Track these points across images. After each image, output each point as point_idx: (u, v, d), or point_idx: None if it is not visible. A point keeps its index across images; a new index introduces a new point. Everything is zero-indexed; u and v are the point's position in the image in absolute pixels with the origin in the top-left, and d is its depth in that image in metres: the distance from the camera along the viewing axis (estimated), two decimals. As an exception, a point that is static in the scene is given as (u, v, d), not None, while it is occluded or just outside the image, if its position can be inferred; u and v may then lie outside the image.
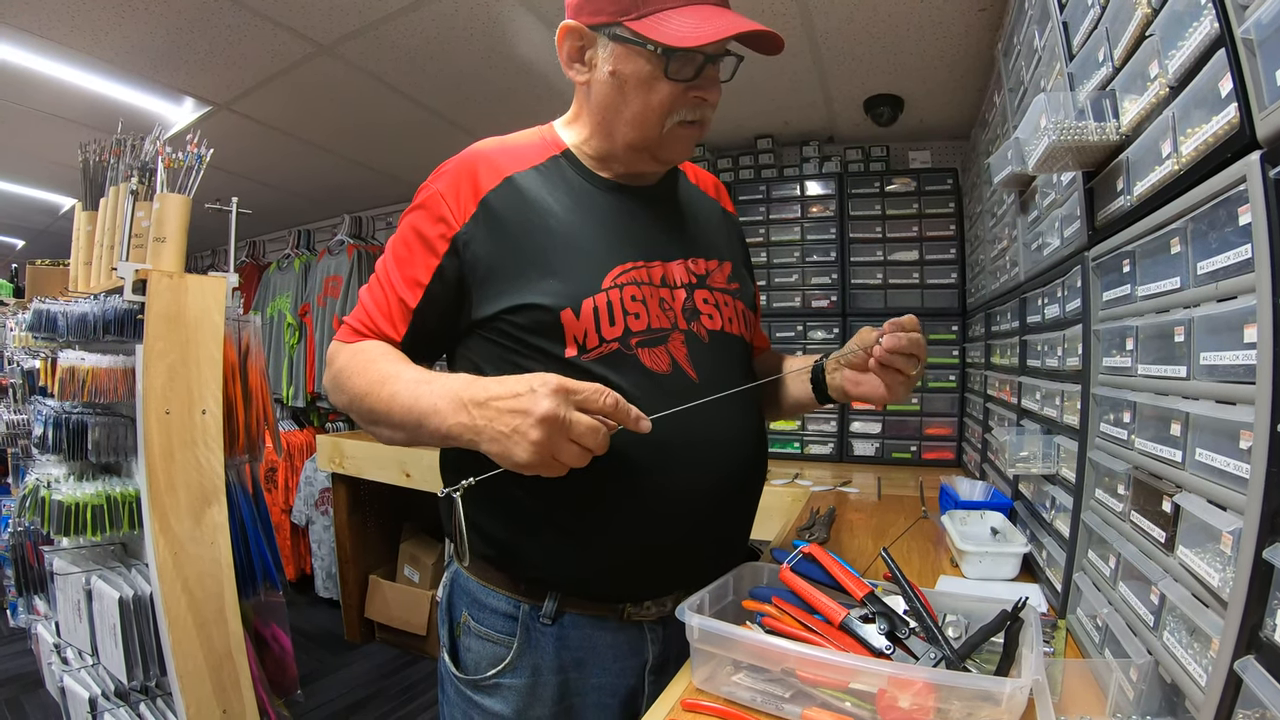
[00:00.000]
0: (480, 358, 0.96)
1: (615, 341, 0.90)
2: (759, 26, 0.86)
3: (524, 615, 0.97)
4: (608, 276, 0.92)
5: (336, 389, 0.95)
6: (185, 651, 1.65)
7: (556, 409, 0.72)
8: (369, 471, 3.11)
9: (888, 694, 0.74)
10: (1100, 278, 1.04)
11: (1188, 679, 0.68)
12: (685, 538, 0.96)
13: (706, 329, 0.99)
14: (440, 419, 0.80)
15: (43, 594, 2.37)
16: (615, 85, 0.91)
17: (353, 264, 3.88)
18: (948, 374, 2.70)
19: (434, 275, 0.93)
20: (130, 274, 1.66)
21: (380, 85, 2.63)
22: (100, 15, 2.09)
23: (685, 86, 0.89)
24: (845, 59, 2.35)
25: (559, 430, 0.73)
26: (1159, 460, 0.79)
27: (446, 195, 0.94)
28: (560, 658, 0.97)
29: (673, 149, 0.96)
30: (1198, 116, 0.70)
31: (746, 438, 1.02)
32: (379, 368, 0.89)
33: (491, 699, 0.97)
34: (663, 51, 0.86)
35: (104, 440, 1.78)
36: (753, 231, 3.01)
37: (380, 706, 2.84)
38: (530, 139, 1.01)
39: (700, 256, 1.03)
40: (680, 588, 0.99)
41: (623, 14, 0.87)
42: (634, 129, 0.93)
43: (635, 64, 0.89)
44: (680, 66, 0.88)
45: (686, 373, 0.94)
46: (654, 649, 1.01)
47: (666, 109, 0.90)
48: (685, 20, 0.85)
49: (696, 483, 0.94)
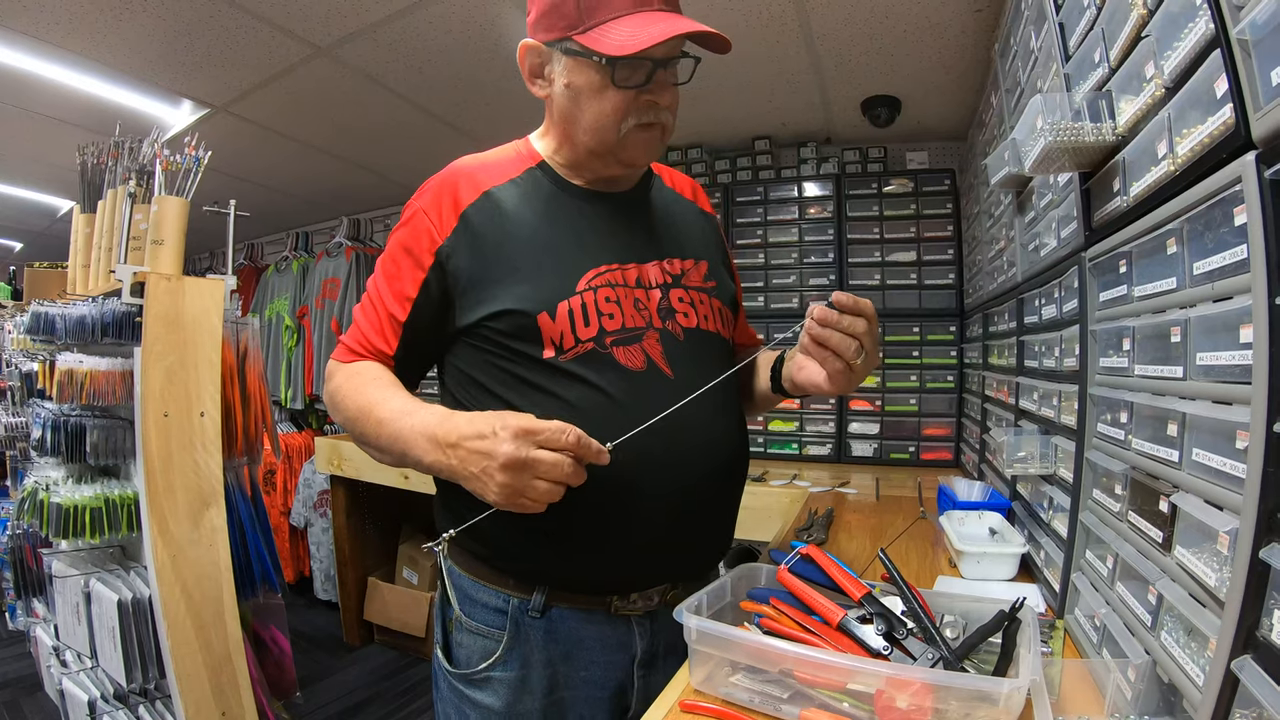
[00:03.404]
0: (466, 364, 1.00)
1: (590, 341, 0.94)
2: (697, 28, 0.88)
3: (513, 609, 0.99)
4: (582, 279, 0.96)
5: (334, 407, 1.01)
6: (184, 654, 1.65)
7: (517, 451, 0.76)
8: (367, 474, 3.11)
9: (885, 694, 0.74)
10: (1097, 278, 1.04)
11: (1185, 679, 0.68)
12: (669, 532, 0.98)
13: (682, 327, 1.02)
14: (420, 454, 0.87)
15: (41, 597, 2.37)
16: (571, 96, 0.96)
17: (351, 266, 3.88)
18: (945, 374, 2.71)
19: (421, 288, 0.98)
20: (128, 276, 1.66)
21: (378, 87, 2.63)
22: (98, 18, 2.09)
23: (637, 92, 0.93)
24: (842, 60, 2.36)
25: (523, 470, 0.77)
26: (1156, 460, 0.79)
27: (429, 211, 0.98)
28: (549, 650, 0.99)
29: (633, 152, 0.98)
30: (1194, 117, 0.70)
31: (727, 432, 1.05)
32: (368, 394, 0.94)
33: (482, 692, 1.00)
34: (607, 61, 0.89)
35: (102, 443, 1.77)
36: (750, 233, 3.02)
37: (379, 709, 2.84)
38: (507, 154, 1.06)
39: (675, 257, 1.06)
40: (666, 581, 1.03)
41: (571, 28, 0.91)
42: (592, 136, 0.97)
43: (586, 75, 0.93)
44: (629, 73, 0.91)
45: (662, 370, 0.97)
46: (641, 643, 1.03)
47: (620, 115, 0.94)
48: (624, 29, 0.88)
49: (679, 478, 0.96)
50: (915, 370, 2.75)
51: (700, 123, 3.03)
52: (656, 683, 1.01)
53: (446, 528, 1.05)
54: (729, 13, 2.06)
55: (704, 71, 1.00)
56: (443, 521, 1.07)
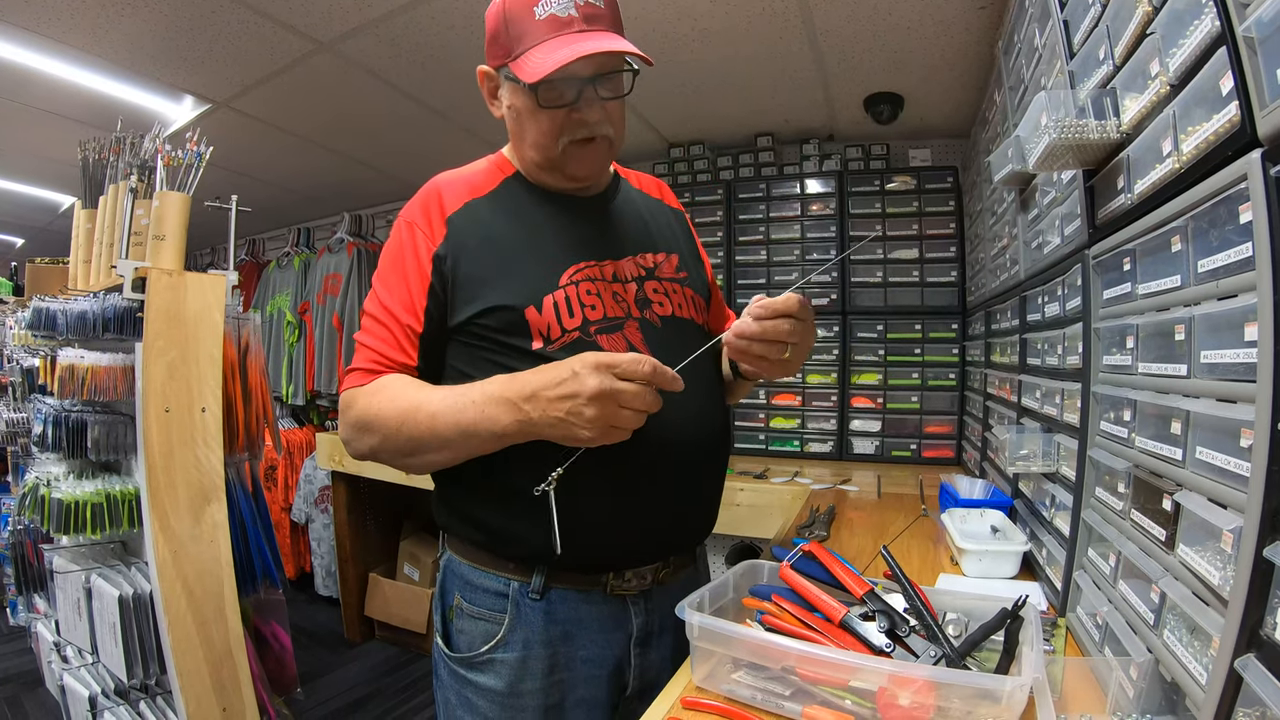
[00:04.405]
0: (458, 360, 1.02)
1: (576, 330, 0.99)
2: (603, 48, 0.91)
3: (514, 592, 1.02)
4: (564, 275, 1.01)
5: (362, 431, 0.98)
6: (185, 649, 1.65)
7: (603, 384, 0.80)
8: (369, 469, 3.11)
9: (888, 692, 0.74)
10: (1101, 276, 1.04)
11: (1188, 677, 0.68)
12: (661, 509, 1.03)
13: (659, 315, 1.07)
14: (492, 423, 0.87)
15: (42, 592, 2.37)
16: (514, 117, 1.03)
17: (352, 262, 3.88)
18: (948, 372, 2.70)
19: (429, 295, 1.00)
20: (130, 272, 1.66)
21: (380, 83, 2.63)
22: (100, 13, 2.09)
23: (569, 110, 0.97)
24: (845, 57, 2.35)
25: (610, 401, 0.80)
26: (1159, 458, 0.79)
27: (419, 222, 1.03)
28: (549, 631, 1.02)
29: (574, 166, 1.03)
30: (1198, 114, 0.70)
31: (712, 412, 1.10)
32: (407, 397, 0.95)
33: (484, 675, 1.02)
34: (529, 86, 0.94)
35: (103, 438, 1.77)
36: (753, 230, 3.01)
37: (380, 704, 2.85)
38: (482, 167, 1.11)
39: (647, 251, 1.13)
40: (659, 559, 1.07)
41: (506, 56, 0.97)
42: (535, 152, 1.03)
43: (520, 98, 0.99)
44: (555, 95, 0.96)
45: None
46: (637, 621, 1.06)
47: (554, 133, 0.99)
48: (539, 55, 0.92)
49: (666, 455, 1.00)
50: (917, 368, 2.75)
51: (702, 120, 3.03)
52: (652, 661, 1.07)
53: (447, 522, 1.08)
54: (732, 9, 2.06)
55: (706, 69, 1.01)
56: (443, 516, 1.09)
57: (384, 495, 3.41)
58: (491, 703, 1.02)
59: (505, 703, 1.01)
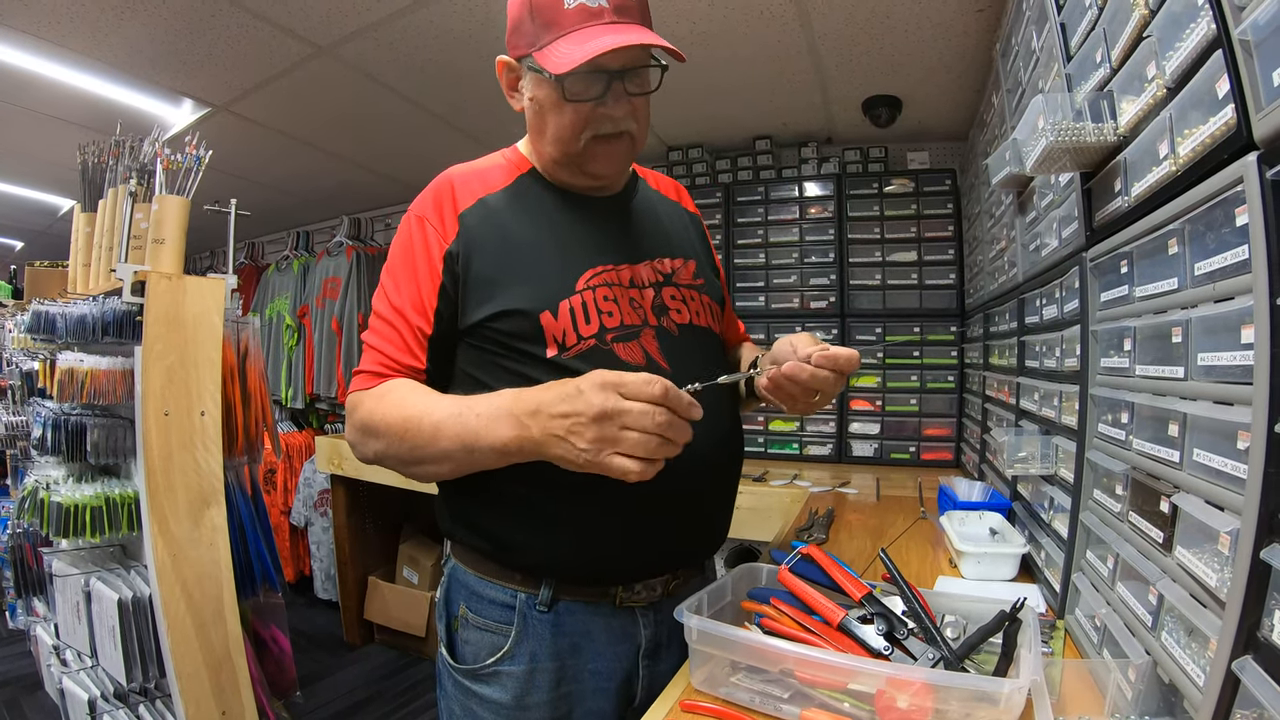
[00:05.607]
0: (468, 364, 0.99)
1: (592, 338, 0.95)
2: (638, 40, 0.88)
3: (521, 604, 0.99)
4: (580, 279, 0.97)
5: (367, 436, 0.95)
6: (184, 653, 1.65)
7: (605, 403, 0.74)
8: (368, 473, 3.11)
9: (886, 694, 0.74)
10: (1098, 278, 1.04)
11: (1186, 679, 0.68)
12: (669, 521, 0.99)
13: (676, 323, 1.04)
14: (495, 436, 0.83)
15: (42, 596, 2.37)
16: (536, 110, 0.99)
17: (351, 265, 3.88)
18: (946, 375, 2.71)
19: (440, 295, 0.97)
20: (129, 275, 1.66)
21: (379, 87, 2.63)
22: (99, 16, 2.09)
23: (594, 105, 0.94)
24: (843, 60, 2.36)
25: (611, 422, 0.74)
26: (1157, 461, 0.79)
27: (430, 218, 0.99)
28: (556, 644, 0.99)
29: (595, 163, 1.00)
30: (1195, 117, 0.70)
31: (724, 423, 1.06)
32: (413, 404, 0.91)
33: (490, 687, 1.00)
34: (555, 78, 0.90)
35: (103, 442, 1.77)
36: (751, 233, 3.02)
37: (379, 708, 2.84)
38: (497, 162, 1.07)
39: (665, 257, 1.09)
40: (668, 571, 1.05)
41: (530, 46, 0.93)
42: (555, 147, 0.99)
43: (544, 90, 0.95)
44: (582, 88, 0.93)
45: (659, 364, 0.99)
46: (646, 633, 1.04)
47: (577, 128, 0.95)
48: (568, 45, 0.89)
49: (678, 467, 0.95)
50: (916, 370, 2.75)
51: (701, 122, 3.03)
52: (661, 673, 1.03)
53: (452, 531, 1.06)
54: (730, 12, 2.06)
55: (705, 71, 1.01)
56: (447, 524, 1.07)
57: (383, 499, 3.41)
58: (497, 715, 0.99)
59: (511, 715, 0.99)
